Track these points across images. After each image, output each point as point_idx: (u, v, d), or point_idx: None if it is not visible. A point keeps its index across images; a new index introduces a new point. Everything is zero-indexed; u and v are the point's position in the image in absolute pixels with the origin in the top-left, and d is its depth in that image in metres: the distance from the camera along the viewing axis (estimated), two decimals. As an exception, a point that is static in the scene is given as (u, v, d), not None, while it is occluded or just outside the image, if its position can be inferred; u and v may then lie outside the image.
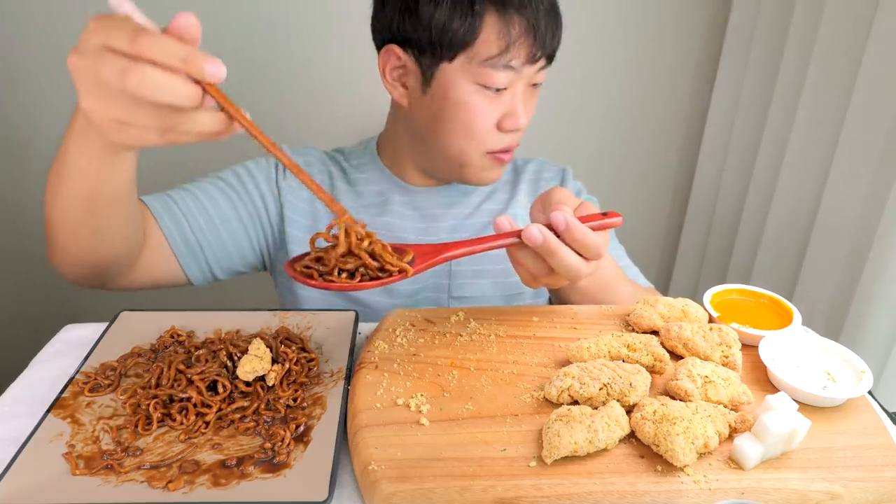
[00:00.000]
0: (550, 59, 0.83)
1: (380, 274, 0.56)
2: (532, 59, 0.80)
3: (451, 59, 0.80)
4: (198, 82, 0.45)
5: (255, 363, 0.61)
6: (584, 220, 0.64)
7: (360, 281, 0.55)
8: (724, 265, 1.51)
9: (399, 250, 0.60)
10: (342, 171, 0.98)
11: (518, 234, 0.63)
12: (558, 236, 0.62)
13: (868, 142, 1.06)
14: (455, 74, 0.80)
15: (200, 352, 0.64)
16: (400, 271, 0.57)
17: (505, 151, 0.86)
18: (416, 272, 0.59)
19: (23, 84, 1.37)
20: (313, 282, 0.55)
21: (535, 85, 0.85)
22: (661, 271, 1.79)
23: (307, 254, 0.58)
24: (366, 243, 0.57)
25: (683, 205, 1.67)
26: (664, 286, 1.77)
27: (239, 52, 1.39)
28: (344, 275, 0.56)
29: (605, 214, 0.67)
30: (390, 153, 0.96)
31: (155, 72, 0.44)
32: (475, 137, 0.84)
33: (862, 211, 1.09)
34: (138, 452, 0.55)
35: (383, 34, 0.84)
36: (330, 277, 0.55)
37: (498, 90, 0.81)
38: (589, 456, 0.53)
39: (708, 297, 0.71)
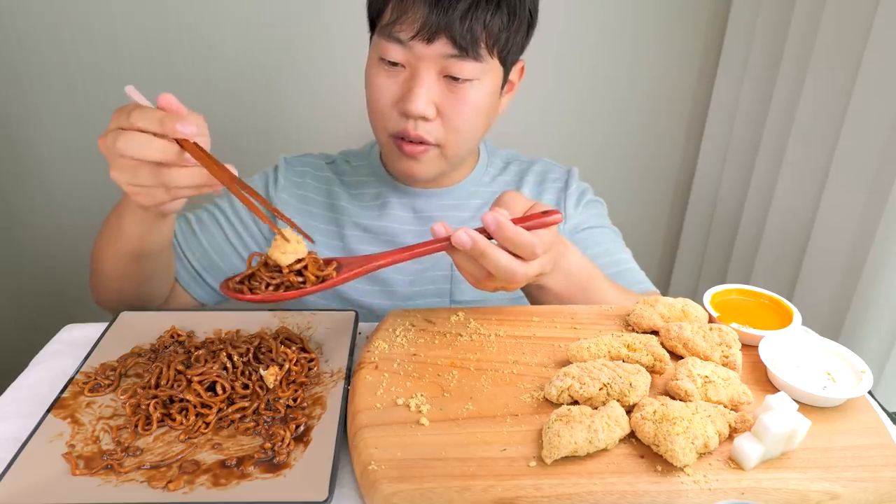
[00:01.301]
0: (465, 49, 0.76)
1: (302, 284, 0.61)
2: (423, 36, 0.75)
3: (372, 31, 0.82)
4: (178, 141, 0.58)
5: (292, 246, 0.61)
6: (521, 220, 0.64)
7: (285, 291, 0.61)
8: (724, 265, 1.51)
9: (327, 262, 0.64)
10: (339, 175, 0.98)
11: (450, 239, 0.62)
12: (493, 238, 0.62)
13: (868, 142, 1.06)
14: (371, 48, 0.82)
15: (200, 352, 0.64)
16: (322, 280, 0.61)
17: (403, 138, 0.81)
18: (341, 281, 0.62)
19: (23, 84, 1.37)
20: (241, 295, 0.60)
21: (454, 79, 0.78)
22: (661, 271, 1.79)
23: (244, 272, 0.63)
24: (295, 263, 0.61)
25: (683, 205, 1.67)
26: (664, 286, 1.77)
27: (241, 55, 1.40)
28: (270, 288, 0.60)
29: (545, 213, 0.65)
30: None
31: (136, 134, 0.57)
32: (376, 114, 0.83)
33: (862, 211, 1.09)
34: (138, 452, 0.55)
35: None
36: (257, 291, 0.61)
37: (393, 64, 0.78)
38: (589, 456, 0.53)
39: (708, 297, 0.71)
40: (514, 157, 1.03)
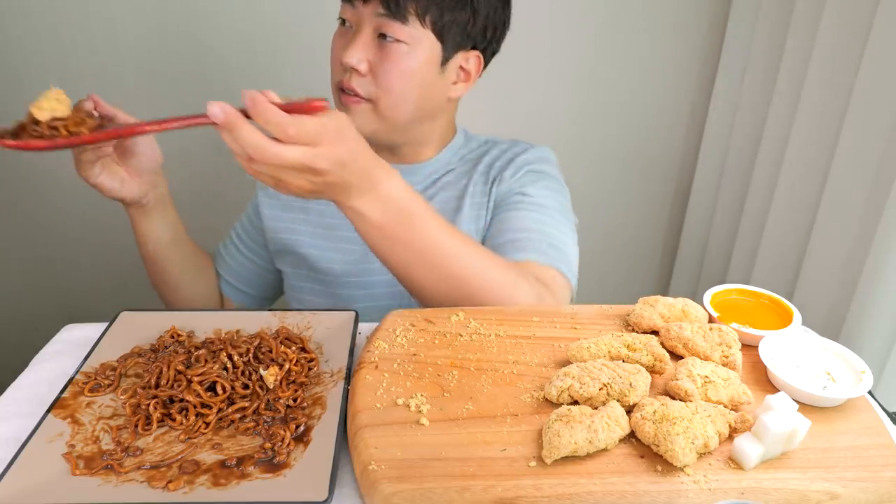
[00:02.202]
0: (392, 10, 0.82)
1: (55, 134, 0.65)
2: None
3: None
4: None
5: (50, 104, 0.65)
6: (283, 105, 0.64)
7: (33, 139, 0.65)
8: (724, 265, 1.50)
9: (96, 125, 0.70)
10: None
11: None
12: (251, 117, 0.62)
13: (868, 142, 1.06)
14: None
15: (200, 352, 0.64)
16: (73, 135, 0.65)
17: (341, 89, 0.88)
18: (91, 139, 0.66)
19: (23, 84, 1.37)
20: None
21: (385, 37, 0.84)
22: (662, 271, 1.79)
23: (15, 124, 0.67)
24: (54, 121, 0.65)
25: (683, 205, 1.67)
26: (664, 286, 1.77)
27: (240, 56, 1.39)
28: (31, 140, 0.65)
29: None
30: None
31: None
32: (331, 68, 0.91)
33: (862, 211, 1.09)
34: (138, 452, 0.55)
35: None
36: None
37: (344, 22, 0.88)
38: (589, 456, 0.53)
39: (708, 297, 0.71)
40: (491, 139, 1.04)
